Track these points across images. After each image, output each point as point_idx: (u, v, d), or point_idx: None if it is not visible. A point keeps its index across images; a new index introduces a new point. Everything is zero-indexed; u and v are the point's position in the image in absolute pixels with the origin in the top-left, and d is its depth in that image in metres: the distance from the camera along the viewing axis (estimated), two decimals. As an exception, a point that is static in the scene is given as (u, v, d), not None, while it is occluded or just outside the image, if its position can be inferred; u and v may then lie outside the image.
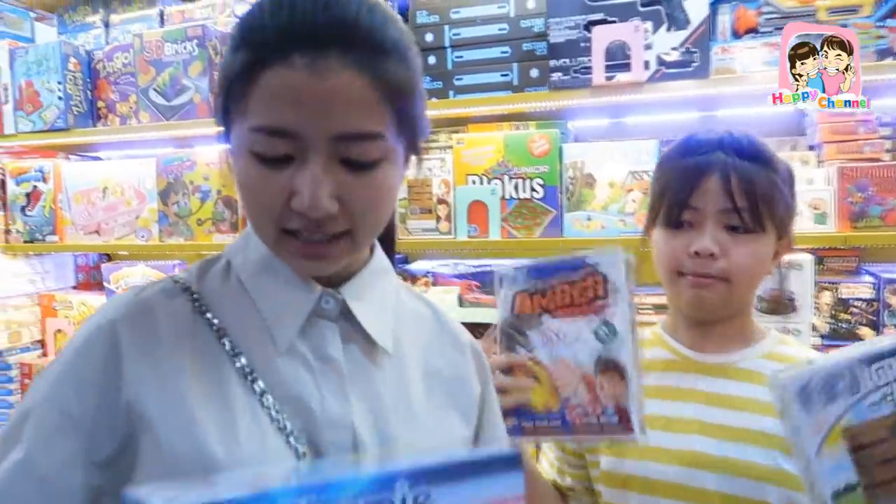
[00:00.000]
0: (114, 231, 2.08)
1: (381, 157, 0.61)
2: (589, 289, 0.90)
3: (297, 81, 0.57)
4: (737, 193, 0.92)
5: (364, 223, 0.63)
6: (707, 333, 1.00)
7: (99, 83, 2.10)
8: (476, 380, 0.78)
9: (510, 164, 1.67)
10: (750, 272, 0.94)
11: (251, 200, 0.62)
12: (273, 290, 0.68)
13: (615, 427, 0.87)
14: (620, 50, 1.52)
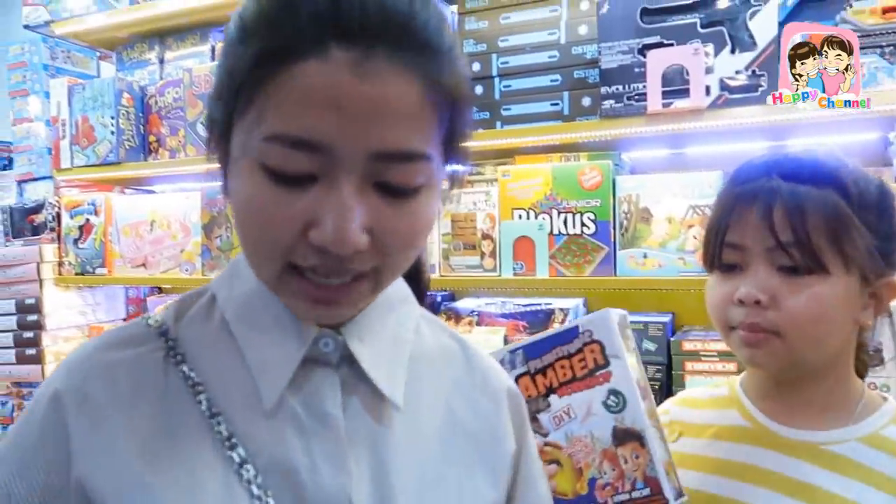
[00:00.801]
0: (160, 264, 2.07)
1: (425, 182, 0.50)
2: (587, 359, 0.86)
3: (335, 82, 0.45)
4: (780, 226, 0.75)
5: (394, 262, 0.52)
6: (790, 398, 0.83)
7: (151, 118, 2.12)
8: (511, 435, 0.64)
9: (559, 198, 1.57)
10: (813, 323, 0.76)
11: (254, 228, 0.50)
12: (260, 332, 0.56)
13: (647, 499, 0.81)
14: (678, 75, 1.41)
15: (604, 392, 0.85)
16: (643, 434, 0.83)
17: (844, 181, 0.76)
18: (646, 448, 0.82)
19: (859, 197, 0.76)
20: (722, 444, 0.85)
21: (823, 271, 0.75)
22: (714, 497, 0.82)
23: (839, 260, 0.75)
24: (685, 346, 1.52)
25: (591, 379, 0.86)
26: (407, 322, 0.63)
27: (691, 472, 0.85)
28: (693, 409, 0.93)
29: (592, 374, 0.86)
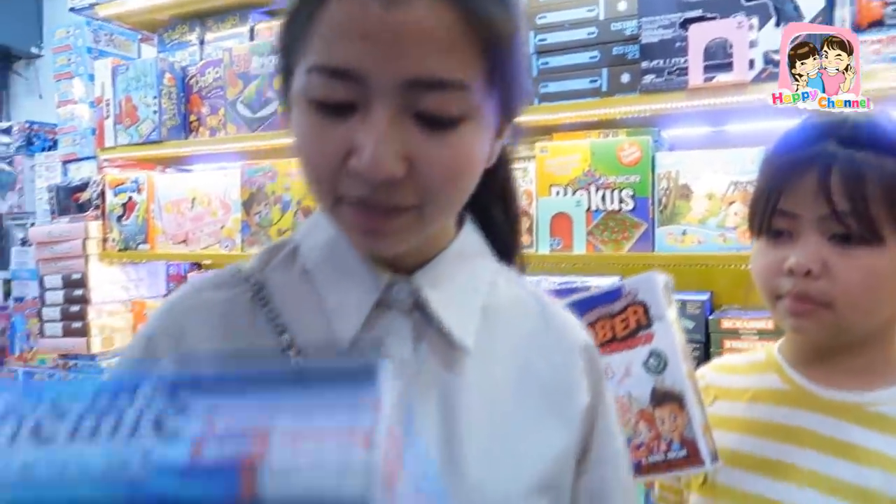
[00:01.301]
0: (200, 240, 2.12)
1: (465, 114, 0.50)
2: (630, 319, 0.86)
3: (366, 11, 0.47)
4: (837, 193, 0.72)
5: (436, 197, 0.52)
6: (834, 363, 0.81)
7: (192, 97, 2.16)
8: (585, 389, 0.64)
9: (597, 174, 1.56)
10: (865, 294, 0.74)
11: (305, 159, 0.52)
12: (337, 278, 0.59)
13: (684, 461, 0.81)
14: (721, 48, 1.39)
15: (645, 353, 0.85)
16: (683, 396, 0.83)
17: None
18: (684, 410, 0.82)
19: None
20: (760, 407, 0.85)
21: (878, 242, 0.73)
22: (753, 458, 0.81)
23: (894, 229, 0.73)
24: (724, 325, 1.50)
25: (633, 339, 0.86)
26: (482, 274, 0.63)
27: (729, 433, 0.85)
28: (730, 374, 0.92)
29: (634, 334, 0.86)
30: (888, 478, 0.73)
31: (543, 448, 0.60)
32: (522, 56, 0.55)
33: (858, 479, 0.75)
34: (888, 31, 1.33)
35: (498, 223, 0.69)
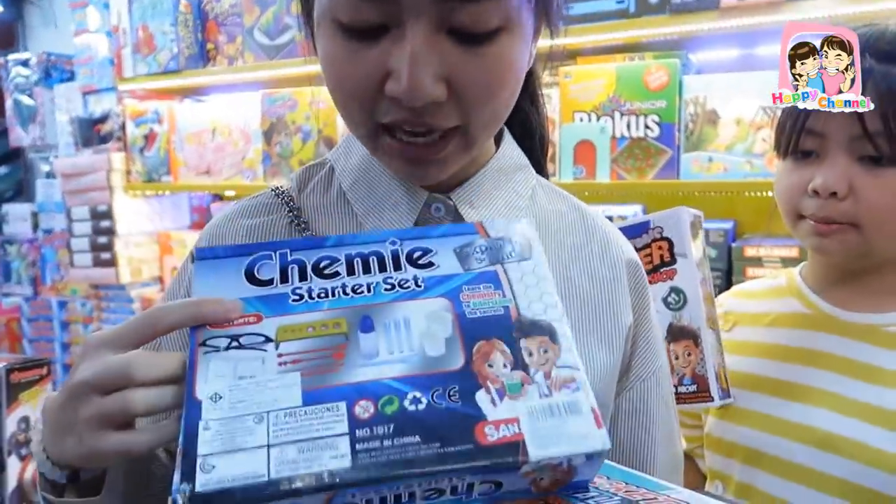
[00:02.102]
0: (222, 172, 2.13)
1: (502, 25, 0.48)
2: (654, 255, 0.87)
3: None
4: (869, 113, 0.70)
5: (480, 115, 0.50)
6: (855, 286, 0.82)
7: (208, 25, 2.12)
8: (628, 306, 0.64)
9: (622, 100, 1.53)
10: (889, 217, 0.74)
11: (337, 87, 0.51)
12: (374, 199, 0.59)
13: (693, 395, 0.84)
14: (756, -36, 1.33)
15: (665, 289, 0.86)
16: (698, 333, 0.84)
17: None
18: (699, 347, 0.83)
19: None
20: (780, 331, 0.85)
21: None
22: (771, 381, 0.83)
23: None
24: (747, 252, 1.50)
25: (655, 275, 0.87)
26: (521, 189, 0.63)
27: (748, 358, 0.86)
28: (749, 299, 0.93)
29: (657, 269, 0.87)
30: None
31: (588, 364, 0.60)
32: None
33: (877, 399, 0.75)
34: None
35: (534, 132, 0.68)
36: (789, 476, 0.79)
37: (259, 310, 0.43)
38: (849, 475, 0.74)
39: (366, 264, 0.45)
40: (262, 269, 0.45)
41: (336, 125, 1.90)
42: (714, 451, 0.88)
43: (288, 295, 0.43)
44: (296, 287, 0.44)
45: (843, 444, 0.75)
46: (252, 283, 0.44)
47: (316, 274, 0.44)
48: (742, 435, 0.83)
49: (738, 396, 0.85)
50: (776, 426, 0.80)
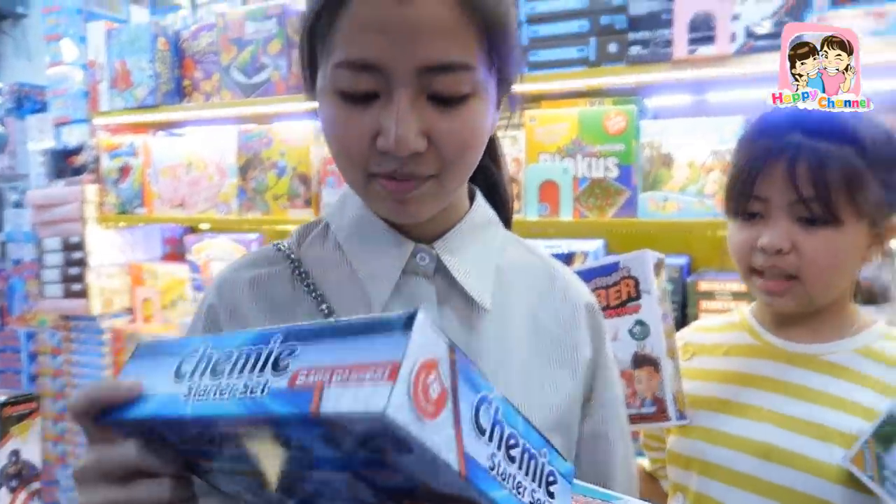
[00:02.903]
0: (197, 205, 2.16)
1: (471, 91, 0.58)
2: (622, 291, 0.97)
3: (382, 10, 0.54)
4: (803, 182, 0.81)
5: (452, 165, 0.59)
6: (796, 322, 0.92)
7: (185, 62, 2.18)
8: (588, 343, 0.72)
9: (584, 143, 1.62)
10: (827, 268, 0.84)
11: (336, 143, 0.60)
12: (367, 249, 0.67)
13: (652, 416, 0.94)
14: (705, 22, 1.44)
15: (631, 321, 0.96)
16: (659, 361, 0.94)
17: (862, 137, 0.82)
18: (659, 373, 0.94)
19: (874, 151, 0.82)
20: (733, 360, 0.95)
21: (838, 223, 0.83)
22: (727, 402, 0.92)
23: (852, 212, 0.83)
24: (701, 287, 1.59)
25: (622, 309, 0.97)
26: (493, 241, 0.71)
27: (706, 383, 0.96)
28: (706, 333, 1.03)
29: (624, 304, 0.97)
30: (836, 414, 0.84)
31: (554, 393, 0.69)
32: (515, 34, 0.63)
33: (811, 415, 0.86)
34: (866, 6, 1.39)
35: (500, 189, 0.76)
36: (738, 484, 0.88)
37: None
38: (788, 482, 0.84)
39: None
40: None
41: (310, 162, 1.96)
42: (674, 465, 0.97)
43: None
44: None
45: (783, 455, 0.85)
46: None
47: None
48: (698, 449, 0.92)
49: (696, 416, 0.94)
50: (727, 440, 0.90)
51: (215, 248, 2.17)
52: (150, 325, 2.35)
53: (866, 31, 1.39)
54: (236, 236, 2.16)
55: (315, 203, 1.96)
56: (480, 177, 0.74)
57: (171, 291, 2.33)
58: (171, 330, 2.25)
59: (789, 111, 0.86)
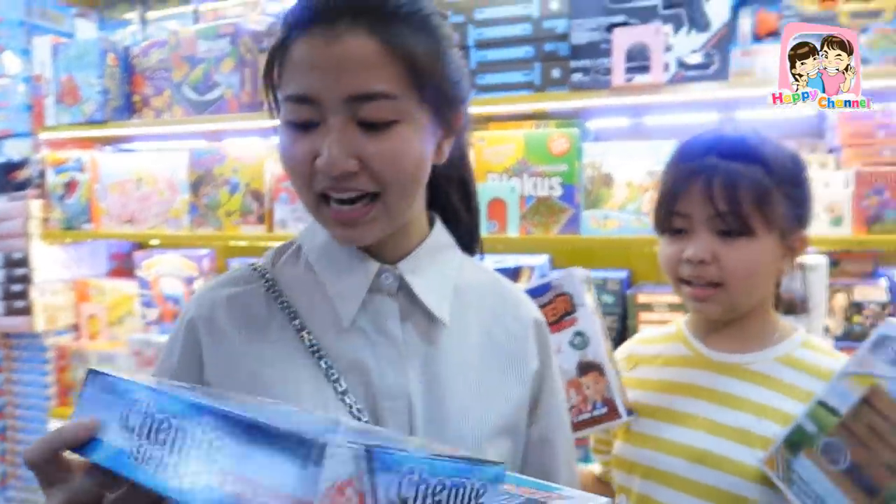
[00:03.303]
0: (146, 221, 2.16)
1: (397, 118, 0.65)
2: (558, 308, 1.04)
3: (314, 49, 0.63)
4: (718, 198, 0.91)
5: (389, 185, 0.66)
6: (724, 332, 1.01)
7: (135, 78, 2.18)
8: (535, 356, 0.80)
9: (530, 163, 1.71)
10: (746, 275, 0.94)
11: (287, 168, 0.68)
12: (336, 270, 0.73)
13: (605, 416, 1.01)
14: (641, 52, 1.54)
15: (570, 333, 1.04)
16: (602, 365, 1.02)
17: (768, 158, 0.93)
18: (604, 376, 1.02)
19: (779, 171, 0.93)
20: (668, 370, 1.04)
21: (751, 234, 0.92)
22: (664, 410, 1.01)
23: (763, 224, 0.93)
24: (640, 299, 1.69)
25: (561, 323, 1.05)
26: (451, 262, 0.78)
27: (646, 392, 1.04)
28: (647, 344, 1.12)
29: (561, 319, 1.05)
30: (757, 420, 0.94)
31: (505, 400, 0.76)
32: (453, 73, 0.70)
33: (736, 421, 0.94)
34: (782, 41, 1.52)
35: (462, 220, 0.84)
36: (675, 486, 0.96)
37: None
38: (718, 483, 0.92)
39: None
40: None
41: (263, 179, 1.99)
42: (619, 469, 1.05)
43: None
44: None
45: (714, 459, 0.93)
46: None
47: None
48: (639, 455, 1.00)
49: (639, 423, 1.02)
50: (665, 446, 0.98)
51: (165, 264, 2.17)
52: (95, 342, 2.32)
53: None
54: (187, 252, 2.16)
55: (268, 219, 1.99)
56: (448, 211, 0.82)
57: (118, 308, 2.31)
58: (119, 347, 2.23)
59: (707, 137, 0.96)
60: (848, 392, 0.83)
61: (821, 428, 0.84)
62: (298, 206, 1.93)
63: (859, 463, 0.80)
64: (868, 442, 0.80)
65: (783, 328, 1.02)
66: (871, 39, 1.45)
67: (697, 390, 0.99)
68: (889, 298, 1.52)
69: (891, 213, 1.45)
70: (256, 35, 2.00)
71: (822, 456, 0.83)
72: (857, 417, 0.81)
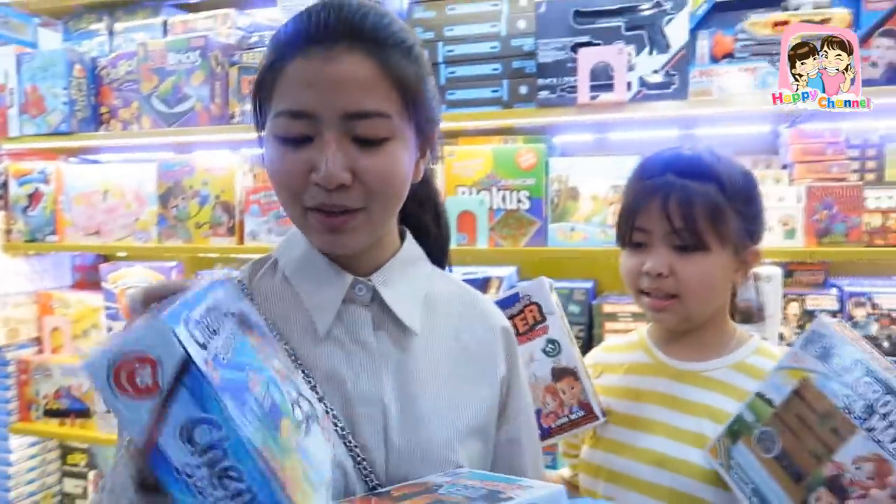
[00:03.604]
0: (113, 233, 2.14)
1: (390, 135, 0.69)
2: (528, 317, 1.07)
3: (312, 68, 0.67)
4: (674, 214, 0.96)
5: (377, 199, 0.70)
6: (683, 341, 1.06)
7: (102, 89, 2.17)
8: (503, 362, 0.83)
9: (498, 177, 1.75)
10: (701, 288, 0.99)
11: (277, 181, 0.70)
12: (312, 282, 0.76)
13: (583, 419, 1.05)
14: (604, 71, 1.60)
15: (542, 342, 1.08)
16: (576, 370, 1.06)
17: (722, 176, 0.98)
18: (579, 381, 1.06)
19: (732, 188, 0.98)
20: (632, 377, 1.08)
21: (706, 249, 0.98)
22: (627, 416, 1.05)
23: (717, 239, 0.98)
24: (605, 309, 1.74)
25: (532, 332, 1.08)
26: (421, 274, 0.82)
27: (611, 398, 1.09)
28: (611, 352, 1.16)
29: (532, 328, 1.08)
30: (712, 425, 0.98)
31: (474, 403, 0.79)
32: (431, 96, 0.75)
33: (694, 427, 0.99)
34: (739, 63, 1.59)
35: (432, 235, 0.87)
36: (638, 489, 1.00)
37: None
38: (677, 486, 0.97)
39: None
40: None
41: (233, 191, 2.00)
42: (585, 473, 1.09)
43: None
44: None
45: (674, 463, 0.98)
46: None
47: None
48: (604, 459, 1.04)
49: (604, 429, 1.06)
50: (629, 452, 1.02)
51: (132, 277, 2.15)
52: (59, 356, 2.28)
53: (741, 85, 1.59)
54: (155, 264, 2.15)
55: (238, 231, 1.99)
56: (420, 229, 0.86)
57: (83, 320, 2.28)
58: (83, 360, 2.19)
59: (665, 155, 1.02)
60: (782, 385, 0.89)
61: (758, 418, 0.90)
62: (269, 217, 1.94)
63: (788, 450, 0.86)
64: (797, 431, 0.86)
65: (739, 336, 1.07)
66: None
67: (658, 397, 1.04)
68: (839, 307, 1.61)
69: (839, 226, 1.53)
70: (227, 48, 2.01)
71: (757, 444, 0.89)
72: (789, 408, 0.87)
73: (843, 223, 1.53)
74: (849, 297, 1.59)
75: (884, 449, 0.78)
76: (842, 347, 0.84)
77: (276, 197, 0.73)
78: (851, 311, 1.59)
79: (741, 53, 1.60)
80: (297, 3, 1.85)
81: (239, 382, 0.47)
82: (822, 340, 0.86)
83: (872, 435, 0.79)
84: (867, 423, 0.79)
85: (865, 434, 0.79)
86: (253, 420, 0.45)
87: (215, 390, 0.43)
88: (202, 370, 0.43)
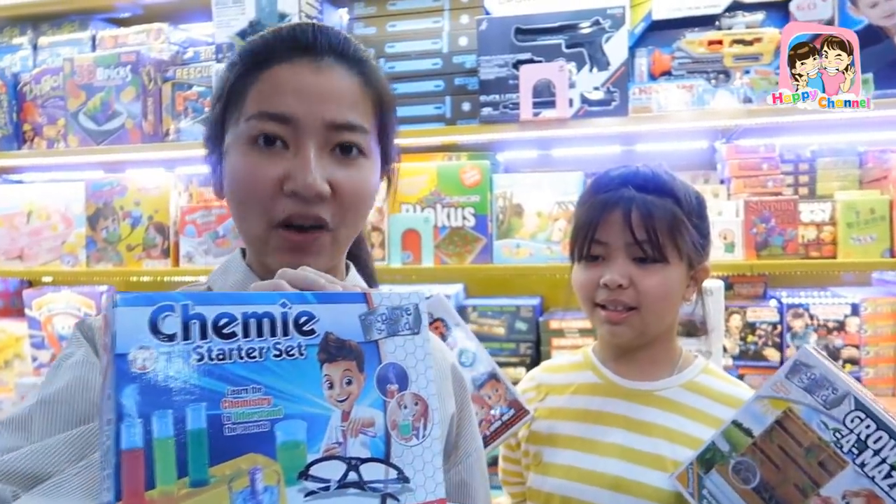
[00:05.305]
0: (38, 256, 2.02)
1: (366, 152, 0.69)
2: (436, 334, 1.06)
3: (298, 75, 0.66)
4: (636, 226, 0.96)
5: (346, 218, 0.68)
6: (631, 359, 1.05)
7: (25, 106, 2.06)
8: (452, 399, 0.81)
9: (443, 194, 1.73)
10: (660, 300, 0.99)
11: (244, 190, 0.67)
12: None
13: (515, 417, 1.06)
14: (546, 88, 1.61)
15: (456, 354, 1.07)
16: (495, 372, 1.07)
17: (678, 192, 1.00)
18: (500, 381, 1.06)
19: (688, 204, 1.00)
20: (580, 398, 1.06)
21: (665, 261, 0.98)
22: (577, 438, 1.02)
23: (675, 252, 0.98)
24: (552, 325, 1.73)
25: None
26: None
27: (558, 421, 1.06)
28: (556, 373, 1.13)
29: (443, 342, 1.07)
30: (668, 445, 0.97)
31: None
32: (394, 128, 0.76)
33: (651, 448, 0.97)
34: (676, 80, 1.62)
35: (361, 261, 0.86)
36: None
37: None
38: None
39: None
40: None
41: (167, 211, 1.92)
42: (534, 501, 1.05)
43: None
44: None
45: (630, 485, 0.96)
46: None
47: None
48: (555, 485, 1.01)
49: (553, 454, 1.03)
50: (579, 475, 0.99)
51: (59, 302, 2.03)
52: (-22, 389, 2.14)
53: (676, 101, 1.62)
54: (83, 289, 2.04)
55: (173, 253, 1.91)
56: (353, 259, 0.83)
57: (5, 350, 2.14)
58: (5, 392, 2.06)
59: (622, 171, 1.01)
60: (761, 415, 0.87)
61: (734, 447, 0.88)
62: (205, 238, 1.86)
63: (769, 482, 0.85)
64: (779, 463, 0.84)
65: (685, 356, 1.07)
66: (752, 80, 1.58)
67: (610, 418, 1.02)
68: (779, 318, 1.64)
69: (777, 238, 1.57)
70: (160, 64, 1.93)
71: (733, 474, 0.87)
72: (770, 439, 0.86)
73: (780, 236, 1.56)
74: (787, 309, 1.63)
75: (876, 485, 0.77)
76: (829, 379, 0.83)
77: (213, 216, 0.69)
78: (790, 322, 1.62)
79: (678, 71, 1.63)
80: (233, 18, 1.80)
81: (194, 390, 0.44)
82: (807, 371, 0.85)
83: (865, 471, 0.78)
84: (859, 458, 0.79)
85: (857, 469, 0.79)
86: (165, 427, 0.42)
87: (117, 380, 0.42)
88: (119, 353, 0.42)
